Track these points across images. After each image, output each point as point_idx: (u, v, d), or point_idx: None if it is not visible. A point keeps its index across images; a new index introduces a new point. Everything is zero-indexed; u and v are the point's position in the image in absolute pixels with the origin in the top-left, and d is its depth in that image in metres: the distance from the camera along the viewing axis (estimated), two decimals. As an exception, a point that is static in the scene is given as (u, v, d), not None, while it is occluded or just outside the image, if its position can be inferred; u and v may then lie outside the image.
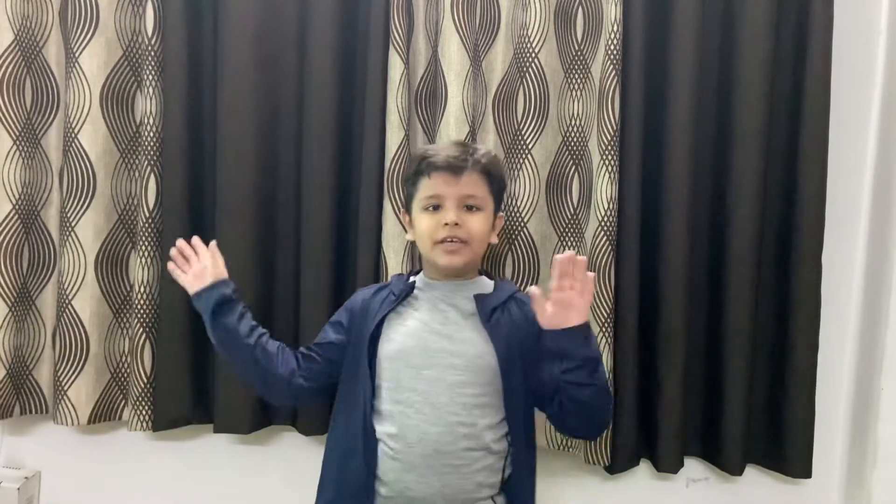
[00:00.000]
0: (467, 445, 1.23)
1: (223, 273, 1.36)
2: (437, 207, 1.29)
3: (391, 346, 1.28)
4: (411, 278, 1.38)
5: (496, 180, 1.33)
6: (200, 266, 1.34)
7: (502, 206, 1.40)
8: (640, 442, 1.70)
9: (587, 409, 1.20)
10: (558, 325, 1.15)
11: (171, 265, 1.37)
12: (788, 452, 1.66)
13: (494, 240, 1.37)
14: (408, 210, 1.37)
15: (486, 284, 1.36)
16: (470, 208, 1.29)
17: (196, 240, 1.37)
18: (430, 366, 1.26)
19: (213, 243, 1.37)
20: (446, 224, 1.26)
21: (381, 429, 1.26)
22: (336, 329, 1.38)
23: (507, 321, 1.29)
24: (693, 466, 1.75)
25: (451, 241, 1.27)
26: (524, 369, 1.26)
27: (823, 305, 1.64)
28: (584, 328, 1.16)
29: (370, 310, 1.34)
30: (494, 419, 1.26)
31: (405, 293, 1.33)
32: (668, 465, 1.67)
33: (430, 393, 1.24)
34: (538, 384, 1.25)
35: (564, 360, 1.17)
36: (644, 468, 1.75)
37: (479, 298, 1.30)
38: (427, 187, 1.29)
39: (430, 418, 1.23)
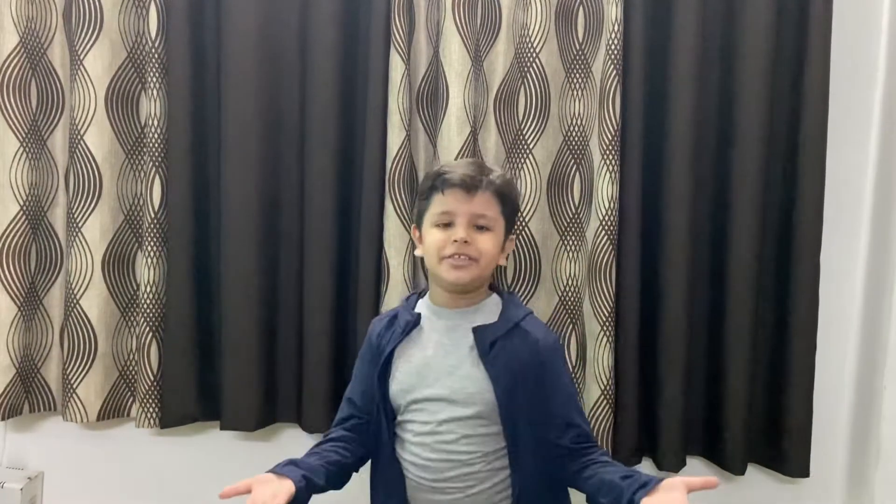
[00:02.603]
0: (466, 471, 1.27)
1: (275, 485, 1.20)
2: (448, 224, 1.29)
3: (396, 386, 1.32)
4: (418, 303, 1.38)
5: (509, 203, 1.33)
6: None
7: (514, 230, 1.39)
8: (642, 441, 1.71)
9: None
10: None
11: None
12: (787, 452, 1.66)
13: (503, 262, 1.37)
14: (418, 225, 1.37)
15: (492, 309, 1.34)
16: (480, 228, 1.28)
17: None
18: (431, 400, 1.29)
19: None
20: (455, 241, 1.26)
21: (400, 453, 1.33)
22: (368, 377, 1.37)
23: (508, 353, 1.27)
24: (695, 465, 1.75)
25: (459, 258, 1.26)
26: (529, 401, 1.27)
27: (825, 305, 1.63)
28: None
29: (382, 342, 1.36)
30: (494, 447, 1.28)
31: (411, 326, 1.34)
32: (669, 463, 1.68)
33: (434, 423, 1.28)
34: (546, 420, 1.29)
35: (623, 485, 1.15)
36: (646, 467, 1.75)
37: (478, 331, 1.29)
38: (439, 203, 1.29)
39: (431, 447, 1.28)
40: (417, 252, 1.39)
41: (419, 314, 1.35)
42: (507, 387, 1.26)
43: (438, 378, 1.29)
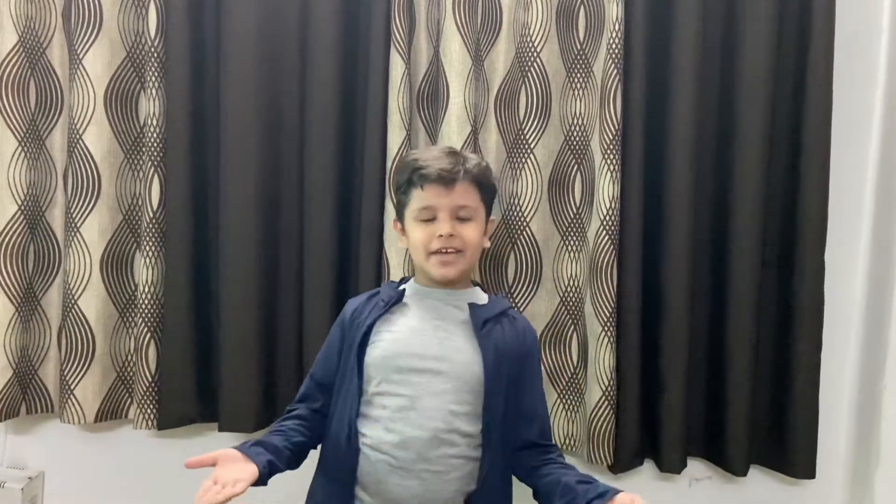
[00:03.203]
0: (448, 452, 1.24)
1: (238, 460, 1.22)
2: (430, 219, 1.29)
3: (378, 352, 1.28)
4: (402, 286, 1.39)
5: (487, 188, 1.34)
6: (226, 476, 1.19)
7: (492, 211, 1.39)
8: (644, 442, 1.70)
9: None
10: None
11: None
12: (792, 453, 1.65)
13: (487, 244, 1.39)
14: (399, 218, 1.37)
15: (481, 296, 1.37)
16: (462, 218, 1.29)
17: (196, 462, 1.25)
18: (417, 371, 1.26)
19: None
20: (440, 235, 1.27)
21: (368, 431, 1.26)
22: (335, 353, 1.36)
23: (497, 334, 1.30)
24: (696, 467, 1.75)
25: (446, 252, 1.28)
26: (507, 385, 1.28)
27: (826, 305, 1.63)
28: None
29: (360, 317, 1.34)
30: (474, 428, 1.27)
31: (395, 300, 1.33)
32: (671, 464, 1.67)
33: (416, 398, 1.25)
34: (517, 411, 1.30)
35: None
36: (647, 468, 1.75)
37: (473, 307, 1.31)
38: (419, 199, 1.29)
39: (414, 423, 1.24)
40: (402, 244, 1.39)
41: (403, 290, 1.36)
42: (494, 363, 1.26)
43: (427, 347, 1.27)
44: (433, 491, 1.23)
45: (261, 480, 1.18)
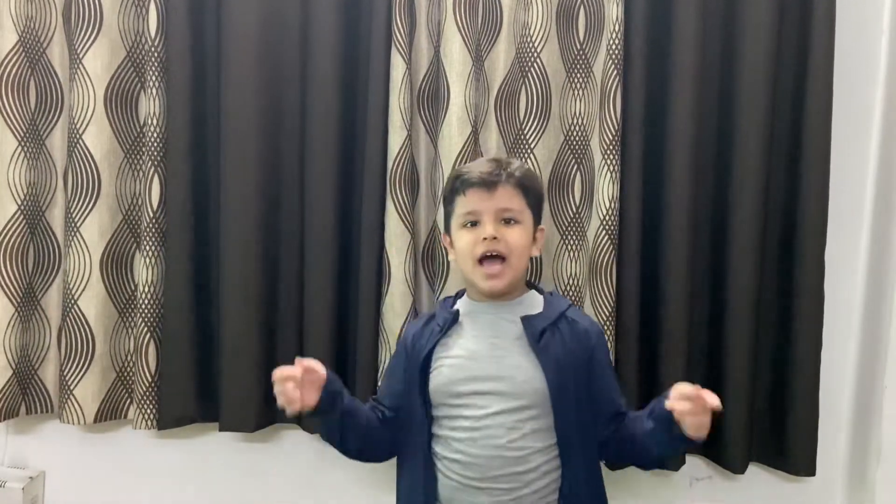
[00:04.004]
0: (516, 470, 1.23)
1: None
2: (474, 224, 1.28)
3: (439, 379, 1.28)
4: (455, 303, 1.37)
5: (532, 193, 1.32)
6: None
7: (542, 219, 1.38)
8: (643, 440, 1.71)
9: (652, 461, 1.31)
10: (689, 433, 1.17)
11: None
12: (792, 451, 1.66)
13: (536, 252, 1.36)
14: (447, 231, 1.36)
15: (535, 301, 1.34)
16: (507, 221, 1.28)
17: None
18: (479, 393, 1.25)
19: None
20: (485, 239, 1.26)
21: (440, 451, 1.28)
22: (398, 381, 1.36)
23: (557, 342, 1.27)
24: (696, 464, 1.76)
25: (492, 258, 1.26)
26: (577, 392, 1.26)
27: (827, 303, 1.64)
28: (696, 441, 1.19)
29: (419, 344, 1.33)
30: (545, 443, 1.25)
31: (450, 322, 1.32)
32: (670, 462, 1.67)
33: (478, 418, 1.24)
34: (594, 411, 1.29)
35: (658, 433, 1.21)
36: (647, 466, 1.75)
37: (527, 320, 1.28)
38: (463, 204, 1.29)
39: (478, 443, 1.24)
40: (451, 257, 1.38)
41: (457, 310, 1.34)
42: (557, 375, 1.24)
43: (485, 369, 1.26)
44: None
45: (325, 402, 1.24)
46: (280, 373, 1.21)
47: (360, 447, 1.34)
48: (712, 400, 1.13)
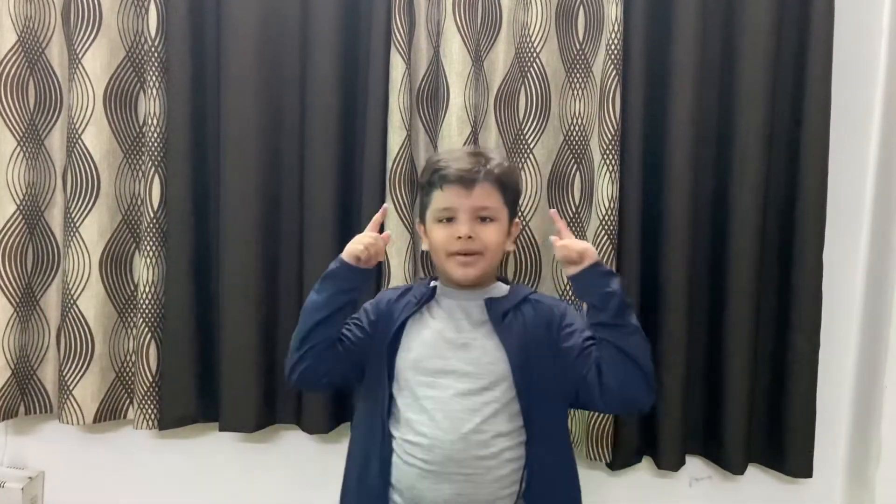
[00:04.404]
0: (480, 454, 1.22)
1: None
2: (450, 220, 1.28)
3: (409, 355, 1.28)
4: (432, 283, 1.37)
5: (510, 190, 1.32)
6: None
7: (518, 214, 1.38)
8: (642, 439, 1.71)
9: (626, 361, 1.20)
10: (573, 273, 1.23)
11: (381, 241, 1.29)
12: (789, 452, 1.66)
13: (510, 247, 1.37)
14: (422, 220, 1.36)
15: (501, 289, 1.35)
16: (483, 219, 1.28)
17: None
18: (444, 374, 1.25)
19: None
20: (459, 237, 1.26)
21: (399, 435, 1.26)
22: (359, 328, 1.33)
23: (519, 324, 1.27)
24: (695, 465, 1.76)
25: (465, 255, 1.26)
26: (542, 371, 1.25)
27: (826, 304, 1.63)
28: (593, 266, 1.22)
29: (393, 313, 1.32)
30: (510, 427, 1.24)
31: (426, 298, 1.32)
32: (669, 462, 1.68)
33: (444, 401, 1.24)
34: (566, 380, 1.26)
35: (592, 311, 1.22)
36: (646, 466, 1.75)
37: (490, 302, 1.29)
38: (440, 199, 1.28)
39: (443, 426, 1.22)
40: (424, 247, 1.38)
41: (435, 287, 1.34)
42: (520, 354, 1.24)
43: (452, 350, 1.26)
44: (468, 494, 1.21)
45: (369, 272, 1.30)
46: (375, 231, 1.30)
47: (321, 343, 1.27)
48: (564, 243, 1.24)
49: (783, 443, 1.67)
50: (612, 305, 1.20)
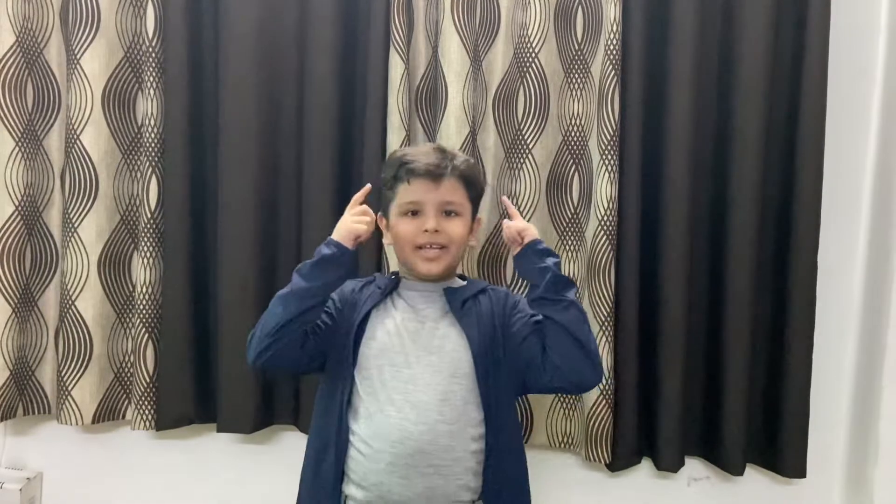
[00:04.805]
0: (449, 444, 1.22)
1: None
2: (416, 213, 1.29)
3: (374, 345, 1.28)
4: (394, 276, 1.39)
5: (474, 186, 1.34)
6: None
7: (479, 210, 1.40)
8: (641, 440, 1.71)
9: (566, 336, 1.21)
10: (515, 252, 1.29)
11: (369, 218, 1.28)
12: (783, 452, 1.66)
13: (473, 242, 1.39)
14: (385, 214, 1.36)
15: (459, 283, 1.38)
16: (449, 213, 1.30)
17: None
18: (410, 364, 1.25)
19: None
20: (426, 230, 1.27)
21: (359, 429, 1.24)
22: (328, 315, 1.33)
23: (476, 311, 1.30)
24: (694, 466, 1.76)
25: (431, 248, 1.28)
26: (499, 358, 1.27)
27: (824, 304, 1.64)
28: (531, 244, 1.27)
29: (357, 302, 1.33)
30: (474, 417, 1.25)
31: (390, 288, 1.34)
32: (668, 463, 1.68)
33: (411, 391, 1.23)
34: (516, 366, 1.28)
35: (531, 289, 1.26)
36: (645, 467, 1.75)
37: (449, 291, 1.32)
38: (406, 193, 1.29)
39: (411, 417, 1.22)
40: (385, 241, 1.39)
41: (399, 277, 1.36)
42: (481, 344, 1.27)
43: (416, 340, 1.27)
44: (437, 488, 1.21)
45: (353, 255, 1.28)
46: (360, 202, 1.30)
47: (296, 330, 1.25)
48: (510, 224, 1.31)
49: (778, 443, 1.66)
50: (546, 280, 1.22)
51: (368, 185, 1.34)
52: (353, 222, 1.26)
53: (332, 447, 1.25)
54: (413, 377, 1.25)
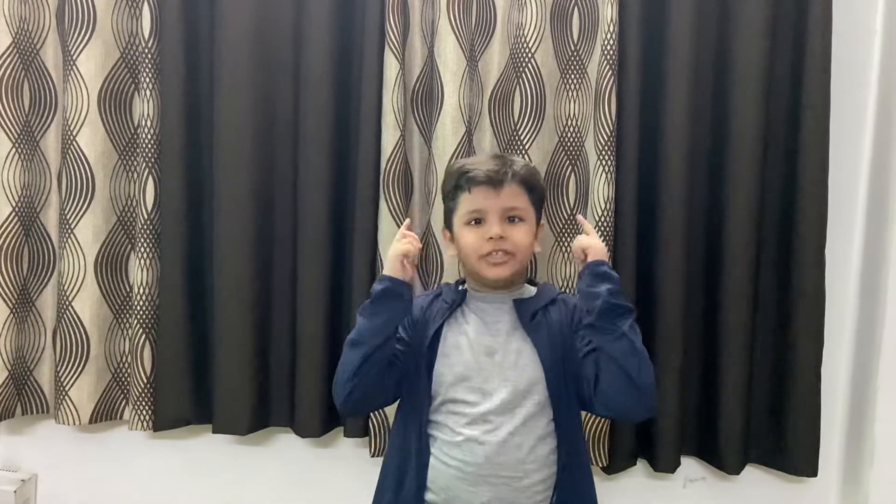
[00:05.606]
0: (520, 457, 1.22)
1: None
2: (479, 221, 1.27)
3: (446, 362, 1.27)
4: (461, 287, 1.36)
5: (536, 190, 1.32)
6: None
7: (543, 215, 1.38)
8: (637, 441, 1.70)
9: (614, 366, 1.18)
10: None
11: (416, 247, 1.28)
12: (793, 451, 1.65)
13: (538, 248, 1.36)
14: (448, 226, 1.35)
15: (529, 291, 1.35)
16: (512, 220, 1.27)
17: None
18: (485, 380, 1.25)
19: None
20: (491, 238, 1.25)
21: (438, 435, 1.26)
22: (401, 341, 1.30)
23: (547, 324, 1.28)
24: (691, 466, 1.75)
25: (497, 254, 1.26)
26: (567, 372, 1.25)
27: (821, 305, 1.63)
28: (591, 265, 1.23)
29: (428, 319, 1.32)
30: (546, 430, 1.25)
31: (458, 302, 1.32)
32: (664, 464, 1.67)
33: (483, 406, 1.24)
34: (580, 381, 1.25)
35: (585, 312, 1.22)
36: (641, 468, 1.75)
37: (519, 303, 1.29)
38: (468, 202, 1.28)
39: (484, 431, 1.23)
40: (450, 253, 1.37)
41: (465, 290, 1.34)
42: (551, 356, 1.25)
43: (489, 356, 1.26)
44: (505, 498, 1.22)
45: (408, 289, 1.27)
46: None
47: (375, 368, 1.24)
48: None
49: (786, 442, 1.66)
50: (597, 308, 1.19)
51: (408, 220, 1.42)
52: (397, 246, 1.26)
53: (413, 462, 1.26)
54: (486, 392, 1.24)
